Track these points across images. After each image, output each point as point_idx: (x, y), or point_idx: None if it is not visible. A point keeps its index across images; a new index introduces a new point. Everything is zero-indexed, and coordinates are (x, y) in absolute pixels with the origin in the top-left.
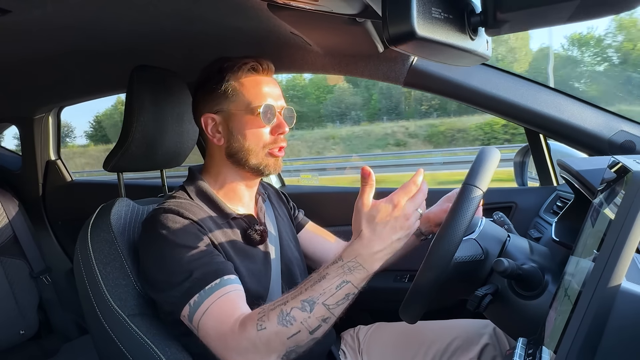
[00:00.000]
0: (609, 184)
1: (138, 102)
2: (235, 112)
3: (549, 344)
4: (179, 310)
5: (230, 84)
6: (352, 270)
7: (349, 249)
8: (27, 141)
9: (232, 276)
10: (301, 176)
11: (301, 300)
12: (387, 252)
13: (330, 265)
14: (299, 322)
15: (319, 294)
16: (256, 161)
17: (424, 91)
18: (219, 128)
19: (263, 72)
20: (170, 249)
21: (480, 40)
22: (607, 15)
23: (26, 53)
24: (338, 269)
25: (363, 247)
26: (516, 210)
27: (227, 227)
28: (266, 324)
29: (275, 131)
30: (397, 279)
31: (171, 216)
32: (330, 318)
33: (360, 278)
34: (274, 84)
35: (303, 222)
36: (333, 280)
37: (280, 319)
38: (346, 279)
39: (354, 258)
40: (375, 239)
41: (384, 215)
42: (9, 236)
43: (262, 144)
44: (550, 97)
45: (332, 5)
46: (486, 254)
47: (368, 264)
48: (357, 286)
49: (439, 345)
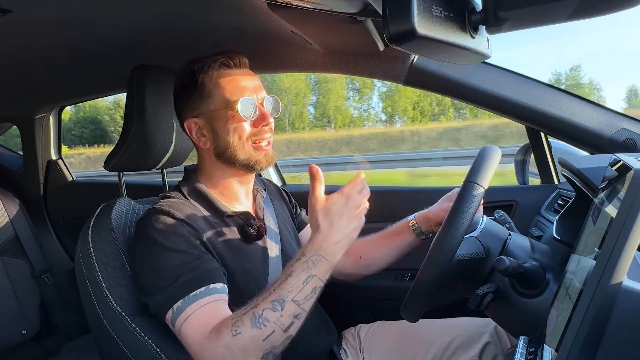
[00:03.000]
0: (610, 182)
1: (138, 102)
2: (214, 111)
3: (550, 342)
4: (163, 313)
5: (205, 84)
6: (315, 263)
7: (310, 244)
8: (28, 141)
9: (218, 285)
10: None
11: (271, 300)
12: (345, 241)
13: (294, 262)
14: (272, 322)
15: (287, 291)
16: (244, 156)
17: (425, 90)
18: (203, 131)
19: (235, 66)
20: (159, 251)
21: (481, 39)
22: (608, 13)
23: (26, 53)
24: (302, 264)
25: (323, 240)
26: (517, 209)
27: (223, 226)
28: (241, 329)
29: (259, 123)
30: (398, 277)
31: (162, 217)
32: (301, 314)
33: (324, 270)
34: (251, 76)
35: (306, 220)
36: (299, 276)
37: (254, 322)
38: (312, 273)
39: (316, 252)
40: (334, 230)
41: (338, 207)
42: (11, 236)
43: (246, 137)
44: (551, 95)
45: (333, 3)
46: (487, 252)
47: (330, 255)
48: (322, 279)
49: (440, 343)
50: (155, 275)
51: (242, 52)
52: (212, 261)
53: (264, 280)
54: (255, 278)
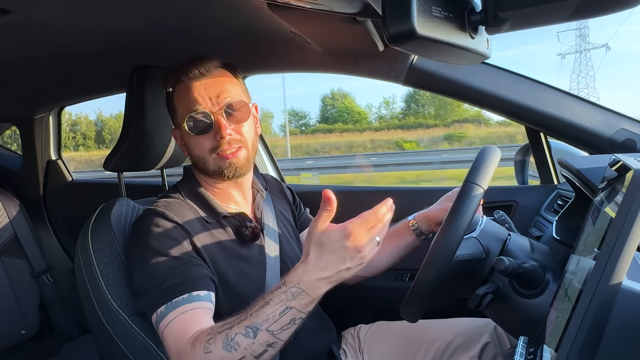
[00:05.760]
0: (610, 182)
1: (138, 102)
2: (179, 126)
3: (550, 342)
4: (149, 315)
5: (171, 98)
6: (295, 296)
7: (292, 274)
8: (28, 141)
9: (201, 292)
10: (301, 175)
11: (245, 326)
12: (332, 279)
13: (274, 290)
14: (242, 347)
15: (263, 320)
16: (212, 167)
17: (425, 90)
18: (181, 142)
19: (194, 77)
20: (149, 254)
21: (481, 39)
22: (607, 13)
23: (26, 53)
24: (281, 294)
25: (306, 272)
26: (517, 209)
27: (218, 227)
28: (212, 348)
29: (216, 135)
30: (398, 277)
31: (156, 219)
32: (276, 343)
33: (304, 304)
34: (207, 86)
35: (309, 220)
36: (276, 306)
37: (225, 344)
38: (289, 305)
39: (297, 284)
40: (320, 266)
41: (332, 242)
42: (10, 236)
43: (208, 150)
44: (551, 96)
45: (332, 4)
46: (487, 253)
47: (312, 290)
48: (302, 311)
49: (440, 344)
50: (144, 277)
51: (210, 56)
52: (201, 267)
53: (261, 280)
54: (251, 279)
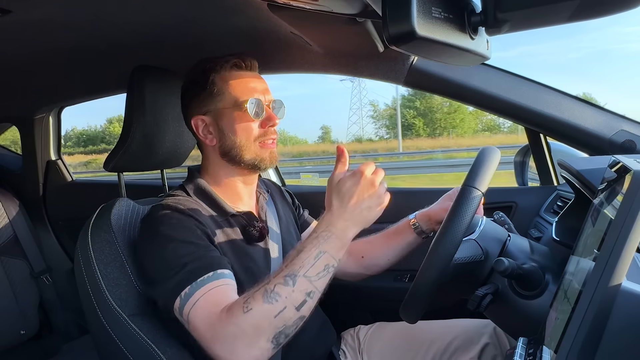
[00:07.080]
0: (610, 183)
1: (138, 102)
2: (223, 110)
3: (549, 343)
4: (171, 303)
5: (216, 83)
6: (326, 239)
7: (321, 222)
8: (28, 141)
9: (225, 270)
10: (302, 176)
11: (283, 276)
12: (357, 220)
13: (306, 240)
14: (283, 297)
15: (299, 267)
16: (250, 156)
17: (425, 91)
18: (210, 129)
19: (246, 68)
20: (166, 243)
21: (481, 40)
22: (607, 14)
23: (26, 53)
24: (313, 240)
25: (333, 217)
26: (516, 210)
27: (226, 226)
28: (252, 305)
29: (266, 124)
30: (398, 278)
31: (169, 212)
32: (314, 292)
33: (335, 247)
34: (259, 79)
35: (309, 221)
36: (310, 251)
37: (266, 297)
38: (322, 249)
39: (326, 227)
40: (343, 209)
41: (349, 187)
42: (10, 236)
43: (253, 137)
44: (551, 97)
45: (333, 5)
46: (486, 254)
47: (340, 232)
48: (334, 256)
49: (440, 344)
50: (163, 265)
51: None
52: (217, 252)
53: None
54: (257, 278)
